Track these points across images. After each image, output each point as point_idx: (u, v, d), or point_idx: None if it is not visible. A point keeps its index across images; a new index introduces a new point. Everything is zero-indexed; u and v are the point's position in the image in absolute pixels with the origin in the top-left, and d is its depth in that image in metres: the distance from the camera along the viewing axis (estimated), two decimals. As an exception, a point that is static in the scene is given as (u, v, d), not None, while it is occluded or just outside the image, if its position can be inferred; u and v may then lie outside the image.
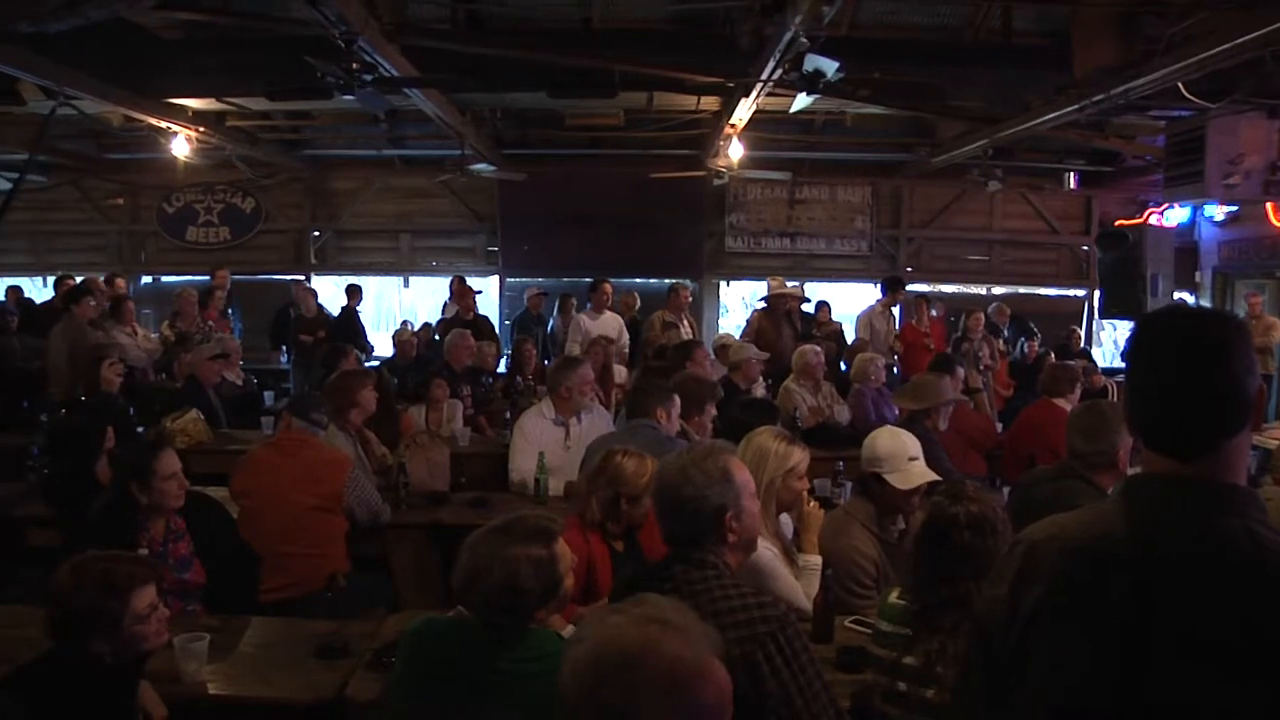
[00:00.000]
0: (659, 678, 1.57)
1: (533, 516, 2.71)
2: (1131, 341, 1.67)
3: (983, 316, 10.32)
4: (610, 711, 1.57)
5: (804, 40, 6.31)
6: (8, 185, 11.03)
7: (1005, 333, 11.65)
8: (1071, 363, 7.76)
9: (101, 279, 11.45)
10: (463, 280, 12.07)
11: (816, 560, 3.74)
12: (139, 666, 2.79)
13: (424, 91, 8.34)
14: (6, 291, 12.13)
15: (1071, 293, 14.53)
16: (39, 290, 13.51)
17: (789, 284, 10.71)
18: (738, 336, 9.56)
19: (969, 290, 14.41)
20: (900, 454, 3.84)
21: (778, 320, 9.64)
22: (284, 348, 11.63)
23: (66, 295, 9.41)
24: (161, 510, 3.93)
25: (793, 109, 8.40)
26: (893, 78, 8.55)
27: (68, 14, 6.40)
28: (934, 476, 3.80)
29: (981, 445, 6.80)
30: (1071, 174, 13.61)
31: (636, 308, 11.56)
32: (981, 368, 9.61)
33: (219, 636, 3.32)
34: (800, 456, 3.69)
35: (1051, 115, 8.24)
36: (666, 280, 11.55)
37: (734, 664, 2.27)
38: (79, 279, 10.64)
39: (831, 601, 3.52)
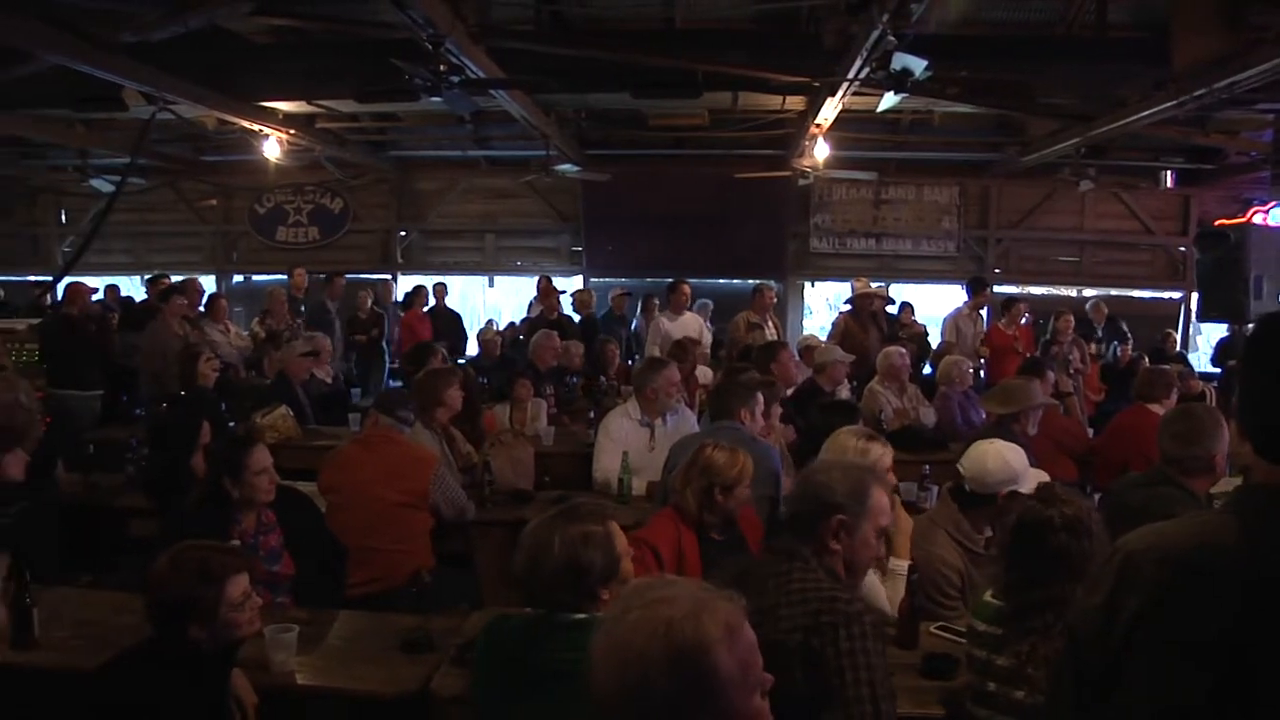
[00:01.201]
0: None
1: (585, 502, 2.77)
2: (1250, 343, 1.60)
3: (1072, 319, 10.04)
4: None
5: (891, 38, 6.23)
6: (110, 188, 11.43)
7: (1099, 332, 11.36)
8: (1166, 367, 7.53)
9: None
10: (549, 280, 12.19)
11: (903, 564, 3.68)
12: (233, 653, 2.86)
13: (509, 92, 8.41)
14: (105, 290, 12.52)
15: (1166, 295, 14.10)
16: (138, 289, 13.94)
17: (873, 285, 10.58)
18: (823, 338, 9.46)
19: (1058, 292, 14.09)
20: (1026, 463, 3.78)
21: (864, 322, 9.53)
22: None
23: (160, 294, 9.68)
24: (253, 504, 4.02)
25: (879, 108, 8.29)
26: (982, 75, 8.38)
27: (169, 22, 6.60)
28: (1047, 476, 3.74)
29: (1072, 450, 6.63)
30: (1168, 172, 13.15)
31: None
32: (1072, 371, 9.36)
33: (307, 628, 3.37)
34: (882, 451, 3.71)
35: (1148, 112, 8.00)
36: (750, 281, 11.48)
37: (791, 650, 2.32)
38: (175, 278, 10.94)
39: (917, 607, 3.47)
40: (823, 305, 15.23)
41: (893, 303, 11.39)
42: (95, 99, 8.50)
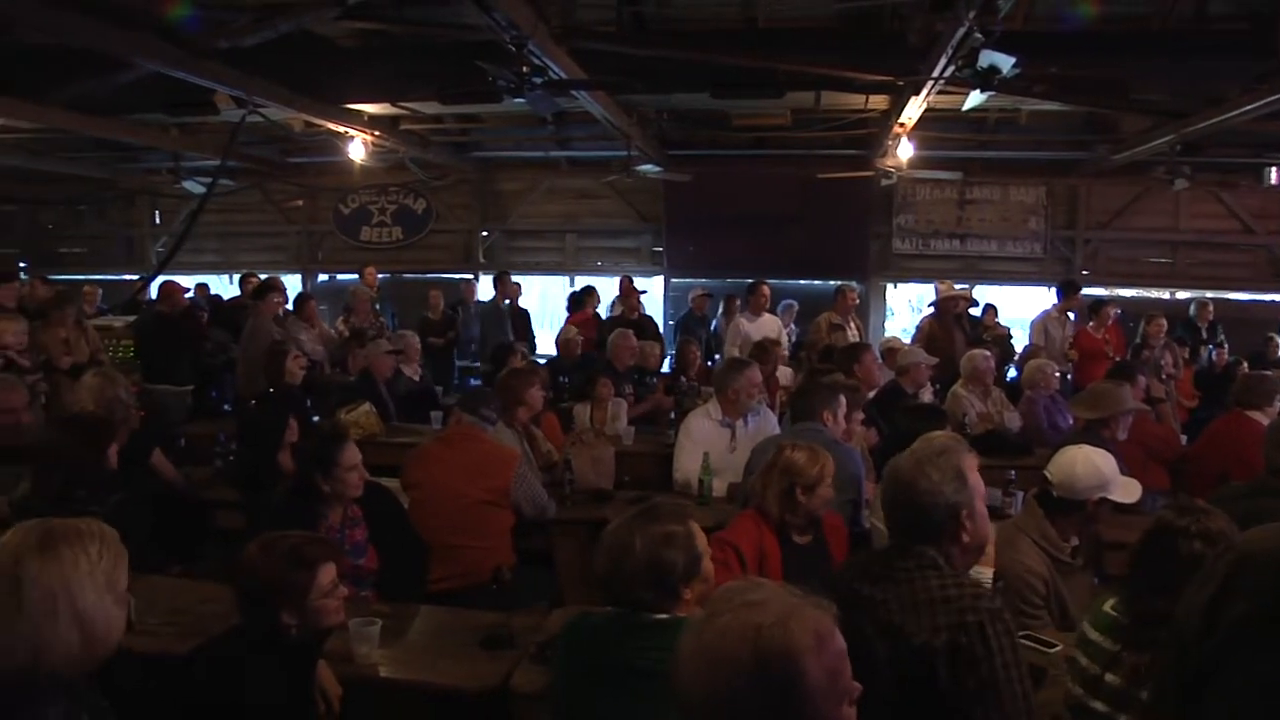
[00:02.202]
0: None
1: (664, 502, 2.80)
2: None
3: (1164, 322, 9.76)
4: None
5: (978, 35, 6.09)
6: (202, 189, 11.73)
7: (1204, 333, 11.01)
8: (1268, 372, 7.25)
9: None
10: (630, 280, 12.23)
11: (987, 572, 3.59)
12: (320, 643, 2.92)
13: (591, 93, 8.43)
14: (195, 288, 12.85)
15: (1268, 297, 13.56)
16: (226, 287, 14.29)
17: (957, 287, 10.42)
18: (905, 340, 9.34)
19: (1150, 294, 13.70)
20: (1116, 469, 3.67)
21: (948, 325, 9.39)
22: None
23: (255, 292, 9.89)
24: (341, 499, 4.10)
25: (965, 107, 8.13)
26: (1072, 72, 8.18)
27: (259, 28, 6.75)
28: (1139, 484, 3.64)
29: (1164, 458, 6.44)
30: (1273, 169, 12.68)
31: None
32: (1164, 376, 9.10)
33: (389, 622, 3.42)
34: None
35: (1250, 106, 7.70)
36: (832, 282, 11.37)
37: (937, 650, 2.31)
38: (262, 277, 11.16)
39: (1002, 616, 3.39)
40: (905, 307, 15.05)
41: (976, 304, 11.20)
42: (188, 104, 8.73)
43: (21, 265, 15.00)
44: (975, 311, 11.07)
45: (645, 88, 9.29)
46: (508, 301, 12.04)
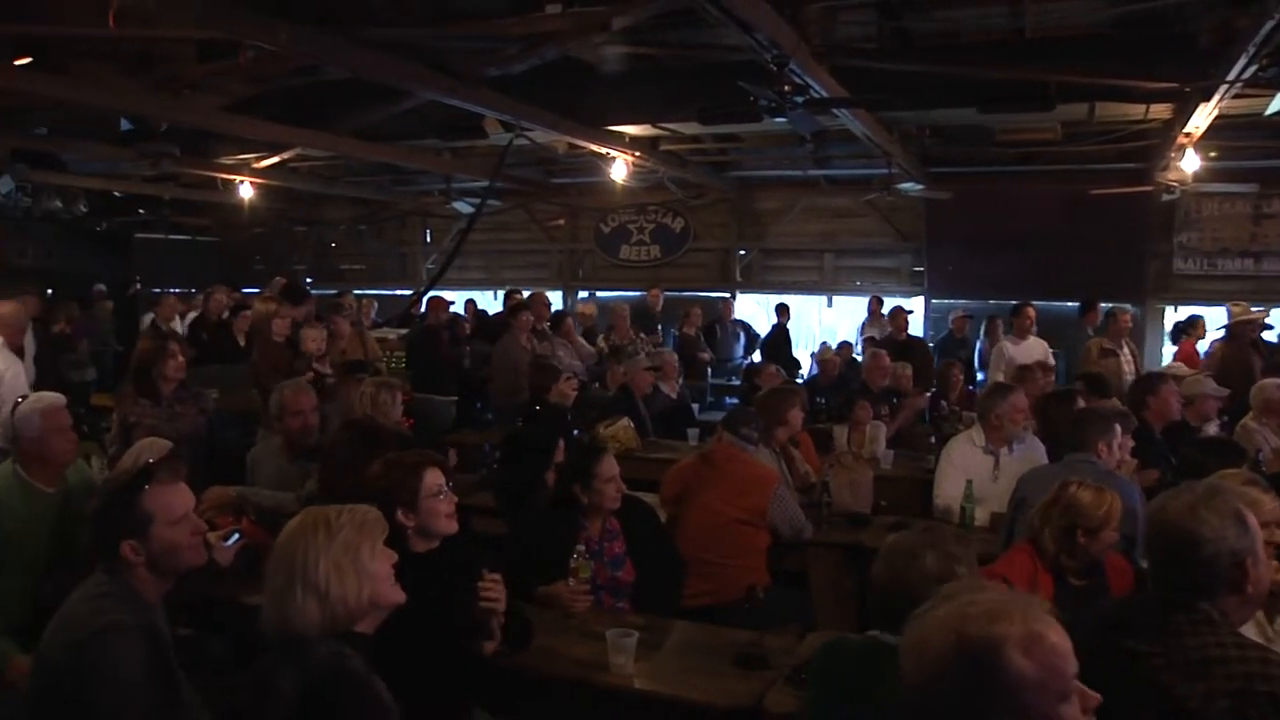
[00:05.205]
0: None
1: (941, 526, 2.82)
2: None
3: None
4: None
5: (1289, 28, 5.58)
6: (470, 209, 12.40)
7: None
8: None
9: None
10: (880, 301, 12.05)
11: (1291, 631, 3.26)
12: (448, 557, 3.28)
13: (851, 111, 8.32)
14: (465, 304, 13.56)
15: None
16: (491, 303, 15.02)
17: (1252, 310, 9.58)
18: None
19: None
20: None
21: (1244, 350, 8.64)
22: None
23: (509, 310, 10.33)
24: (600, 511, 4.19)
25: (1268, 111, 7.48)
26: None
27: (527, 55, 7.06)
28: None
29: None
30: None
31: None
32: None
33: (645, 635, 3.45)
34: (1274, 504, 3.28)
35: None
36: (1104, 304, 10.70)
37: (1213, 719, 2.12)
38: (526, 293, 11.63)
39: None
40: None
41: (1271, 329, 10.28)
42: (460, 128, 9.25)
43: (308, 281, 16.35)
44: (1270, 336, 10.18)
45: (908, 104, 9.06)
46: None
